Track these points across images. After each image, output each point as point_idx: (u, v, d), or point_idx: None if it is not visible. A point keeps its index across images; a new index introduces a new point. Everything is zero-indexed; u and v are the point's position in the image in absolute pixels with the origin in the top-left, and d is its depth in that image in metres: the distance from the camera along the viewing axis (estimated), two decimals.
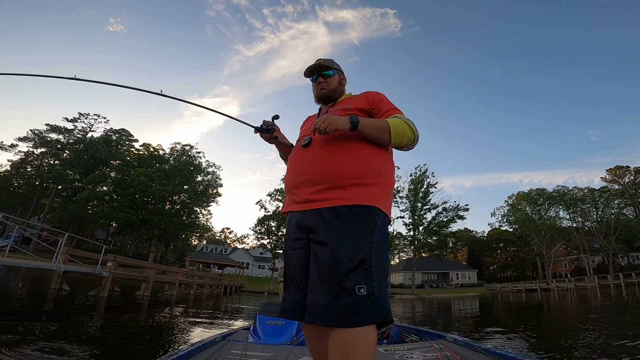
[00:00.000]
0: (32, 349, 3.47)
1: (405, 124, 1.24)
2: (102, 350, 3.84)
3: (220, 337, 2.72)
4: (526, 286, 39.50)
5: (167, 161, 41.52)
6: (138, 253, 44.99)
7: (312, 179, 1.19)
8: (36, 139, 40.77)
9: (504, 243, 63.85)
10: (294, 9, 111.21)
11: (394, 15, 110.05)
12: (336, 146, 1.21)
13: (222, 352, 2.17)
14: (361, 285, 0.99)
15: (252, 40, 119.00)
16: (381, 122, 1.22)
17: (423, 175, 42.88)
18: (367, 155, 1.21)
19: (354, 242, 1.05)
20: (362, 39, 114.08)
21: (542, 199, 50.73)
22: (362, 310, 0.97)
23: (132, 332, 5.33)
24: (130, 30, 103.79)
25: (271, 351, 2.31)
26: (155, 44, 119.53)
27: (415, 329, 3.37)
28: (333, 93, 1.49)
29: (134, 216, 31.31)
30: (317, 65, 1.49)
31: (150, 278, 13.31)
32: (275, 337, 2.87)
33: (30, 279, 14.89)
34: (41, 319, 5.53)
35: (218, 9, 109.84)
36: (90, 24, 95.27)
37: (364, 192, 1.14)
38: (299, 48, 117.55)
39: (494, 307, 16.09)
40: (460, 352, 2.14)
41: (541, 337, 5.77)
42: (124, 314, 7.66)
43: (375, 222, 1.11)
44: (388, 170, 1.26)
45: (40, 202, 42.15)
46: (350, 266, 1.01)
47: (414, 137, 1.26)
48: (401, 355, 2.18)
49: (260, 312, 3.38)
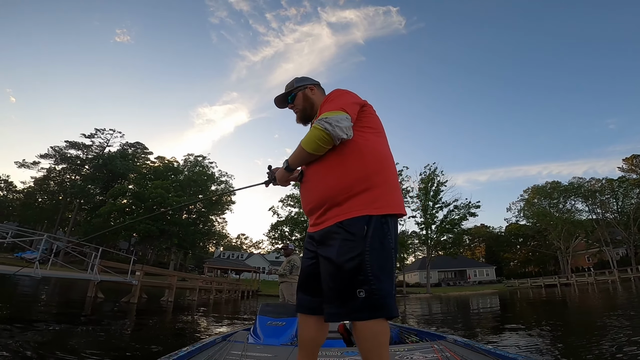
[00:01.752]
0: (87, 348, 4.18)
1: (313, 129, 1.26)
2: (140, 345, 4.54)
3: (221, 337, 2.75)
4: (545, 281, 38.86)
5: (181, 172, 42.84)
6: (159, 261, 46.44)
7: (314, 207, 1.35)
8: (57, 156, 42.53)
9: (523, 238, 62.24)
10: (297, 11, 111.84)
11: (397, 12, 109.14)
12: (320, 170, 1.33)
13: (222, 353, 2.17)
14: (360, 289, 1.13)
15: (257, 45, 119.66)
16: (299, 146, 1.33)
17: (433, 173, 42.89)
18: (349, 165, 1.27)
19: (348, 252, 1.17)
20: (367, 38, 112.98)
21: (556, 192, 49.60)
22: (365, 309, 1.12)
23: (163, 333, 6.04)
24: (137, 40, 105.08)
25: (271, 352, 2.31)
26: (162, 53, 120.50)
27: (416, 329, 3.42)
28: (304, 112, 1.56)
29: (154, 227, 32.61)
30: (277, 98, 1.63)
31: (173, 285, 14.18)
32: (275, 337, 2.89)
33: (60, 287, 15.65)
34: (86, 323, 6.31)
35: (221, 16, 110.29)
36: (97, 36, 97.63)
37: (355, 203, 1.23)
38: (304, 50, 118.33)
39: (507, 304, 16.10)
40: (461, 353, 2.13)
41: (554, 336, 5.68)
42: (153, 317, 8.43)
43: (365, 229, 1.19)
44: (375, 168, 1.28)
45: (64, 216, 44.07)
46: (348, 274, 1.16)
47: (325, 134, 1.23)
48: (401, 355, 2.17)
49: (260, 313, 3.38)
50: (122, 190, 37.90)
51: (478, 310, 13.46)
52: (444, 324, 8.52)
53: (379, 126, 1.41)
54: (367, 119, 1.37)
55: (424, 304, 19.87)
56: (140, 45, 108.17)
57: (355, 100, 1.37)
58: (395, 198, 1.28)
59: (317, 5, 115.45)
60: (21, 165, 42.61)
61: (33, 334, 4.44)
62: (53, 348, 3.73)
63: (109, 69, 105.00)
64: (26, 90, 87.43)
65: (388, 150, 1.39)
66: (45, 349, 3.64)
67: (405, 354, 2.20)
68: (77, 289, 14.81)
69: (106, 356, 3.61)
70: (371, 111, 1.42)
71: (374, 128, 1.37)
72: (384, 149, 1.36)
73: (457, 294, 34.92)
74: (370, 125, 1.37)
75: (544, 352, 4.27)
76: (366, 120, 1.37)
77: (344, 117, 1.25)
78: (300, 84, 1.60)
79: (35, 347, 3.65)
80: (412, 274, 61.88)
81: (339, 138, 1.23)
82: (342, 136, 1.23)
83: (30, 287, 13.42)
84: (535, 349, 4.48)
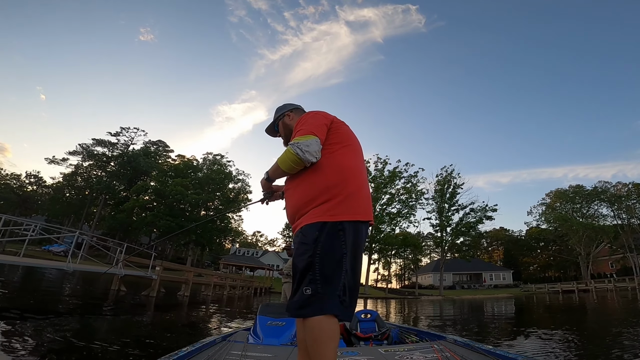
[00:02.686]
0: (111, 336, 4.78)
1: (287, 152, 1.42)
2: (159, 334, 5.12)
3: (221, 337, 2.77)
4: (563, 287, 37.87)
5: (200, 170, 44.19)
6: (177, 256, 48.19)
7: (289, 217, 1.54)
8: (84, 153, 44.79)
9: (544, 242, 60.77)
10: (315, 10, 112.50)
11: (416, 10, 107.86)
12: (293, 186, 1.49)
13: (222, 353, 2.18)
14: (307, 287, 1.25)
15: (275, 44, 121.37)
16: (276, 162, 1.50)
17: (449, 175, 42.46)
18: (313, 181, 1.40)
19: (302, 254, 1.31)
20: (386, 36, 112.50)
21: (578, 197, 47.98)
22: (309, 306, 1.23)
23: (178, 325, 6.65)
24: (160, 39, 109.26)
25: (271, 352, 2.32)
26: (183, 52, 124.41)
27: (415, 329, 3.44)
28: (286, 138, 1.72)
29: (174, 223, 33.91)
30: (267, 129, 1.84)
31: (189, 280, 14.96)
32: (275, 337, 2.90)
33: (83, 280, 16.44)
34: (111, 314, 7.01)
35: (240, 15, 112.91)
36: (123, 35, 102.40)
37: (315, 212, 1.36)
38: (323, 49, 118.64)
39: (520, 309, 15.97)
40: (461, 353, 2.14)
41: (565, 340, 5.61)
42: (171, 310, 9.10)
43: (317, 234, 1.30)
44: (336, 181, 1.38)
45: (90, 211, 46.35)
46: (300, 273, 1.30)
47: (297, 157, 1.37)
48: (401, 356, 2.18)
49: (260, 313, 3.42)
50: (145, 187, 39.60)
51: (485, 313, 13.49)
52: (447, 326, 8.75)
53: (345, 139, 1.51)
54: (333, 135, 1.49)
55: (435, 306, 19.93)
56: (163, 43, 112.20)
57: (323, 122, 1.49)
58: (354, 205, 1.36)
59: (335, 3, 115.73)
60: (51, 162, 45.06)
61: (65, 323, 5.10)
62: (83, 336, 4.34)
63: (134, 67, 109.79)
64: (56, 89, 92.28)
65: (352, 161, 1.48)
66: (78, 337, 4.24)
67: (405, 354, 2.21)
68: (99, 281, 15.77)
69: (129, 344, 4.17)
70: (338, 126, 1.53)
71: (340, 142, 1.48)
72: (347, 161, 1.46)
73: (470, 297, 34.62)
74: (337, 141, 1.48)
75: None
76: (333, 137, 1.48)
77: (314, 141, 1.37)
78: (279, 113, 1.76)
79: (67, 335, 4.26)
80: (426, 275, 61.34)
81: (309, 161, 1.38)
82: (312, 160, 1.37)
83: (56, 280, 14.26)
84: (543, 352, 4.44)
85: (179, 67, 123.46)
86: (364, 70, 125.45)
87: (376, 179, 42.14)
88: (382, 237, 39.61)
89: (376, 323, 3.51)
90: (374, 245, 40.26)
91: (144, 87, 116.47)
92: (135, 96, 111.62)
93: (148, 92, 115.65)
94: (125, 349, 3.78)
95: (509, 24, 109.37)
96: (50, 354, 3.25)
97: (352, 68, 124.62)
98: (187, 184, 36.85)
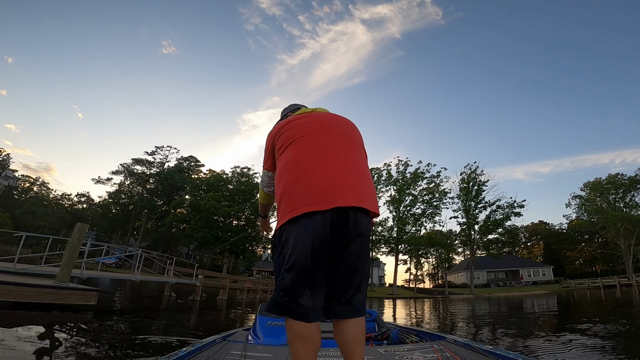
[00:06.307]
0: (168, 331, 6.41)
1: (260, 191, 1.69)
2: (204, 327, 6.70)
3: (220, 337, 2.77)
4: (604, 282, 36.36)
5: (230, 182, 46.94)
6: (214, 265, 51.06)
7: None
8: (125, 172, 49.37)
9: (588, 235, 57.46)
10: (329, 9, 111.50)
11: (432, 3, 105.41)
12: None
13: (222, 353, 2.18)
14: (274, 287, 1.35)
15: (293, 49, 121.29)
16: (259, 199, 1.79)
17: (473, 172, 42.14)
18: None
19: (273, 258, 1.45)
20: (404, 32, 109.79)
21: (613, 186, 45.44)
22: (274, 309, 1.28)
23: (219, 323, 8.25)
24: (182, 51, 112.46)
25: (271, 352, 2.31)
26: (204, 64, 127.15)
27: (416, 329, 3.41)
28: None
29: (209, 234, 36.53)
30: None
31: (226, 286, 16.82)
32: (275, 337, 2.89)
33: (132, 288, 17.95)
34: (166, 315, 8.77)
35: (255, 22, 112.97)
36: (147, 49, 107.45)
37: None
38: (341, 50, 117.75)
39: (556, 305, 15.94)
40: (461, 353, 2.13)
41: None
42: (212, 311, 10.81)
43: (273, 242, 1.42)
44: (279, 188, 1.37)
45: (134, 225, 50.57)
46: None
47: (261, 191, 1.69)
48: (401, 356, 2.17)
49: (260, 313, 3.40)
50: (181, 201, 43.04)
51: (510, 311, 13.69)
52: (446, 326, 9.66)
53: (290, 137, 1.44)
54: (280, 142, 1.47)
55: (459, 304, 20.02)
56: (185, 55, 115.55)
57: (269, 144, 1.56)
58: (290, 205, 1.28)
59: (347, 2, 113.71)
60: (97, 182, 49.92)
61: (132, 322, 6.82)
62: (145, 331, 5.98)
63: (158, 80, 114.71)
64: (90, 106, 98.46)
65: (292, 154, 1.38)
66: (141, 332, 5.88)
67: (404, 354, 2.20)
68: (148, 288, 17.97)
69: (181, 334, 5.73)
70: (285, 130, 1.48)
71: (284, 145, 1.44)
72: (287, 158, 1.39)
73: (503, 295, 34.00)
74: (283, 143, 1.45)
75: None
76: (279, 144, 1.47)
77: (265, 174, 1.63)
78: (282, 115, 1.94)
79: (132, 331, 5.91)
80: (458, 274, 60.44)
81: (270, 192, 1.67)
82: (269, 190, 1.66)
83: (109, 288, 16.14)
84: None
85: (202, 78, 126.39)
86: (385, 67, 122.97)
87: (398, 181, 42.76)
88: (407, 237, 40.05)
89: (376, 323, 3.44)
90: (400, 247, 40.81)
91: (171, 99, 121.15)
92: (163, 109, 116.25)
93: (174, 104, 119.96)
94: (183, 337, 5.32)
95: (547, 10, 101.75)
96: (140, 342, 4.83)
97: (373, 66, 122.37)
98: (219, 197, 39.44)
